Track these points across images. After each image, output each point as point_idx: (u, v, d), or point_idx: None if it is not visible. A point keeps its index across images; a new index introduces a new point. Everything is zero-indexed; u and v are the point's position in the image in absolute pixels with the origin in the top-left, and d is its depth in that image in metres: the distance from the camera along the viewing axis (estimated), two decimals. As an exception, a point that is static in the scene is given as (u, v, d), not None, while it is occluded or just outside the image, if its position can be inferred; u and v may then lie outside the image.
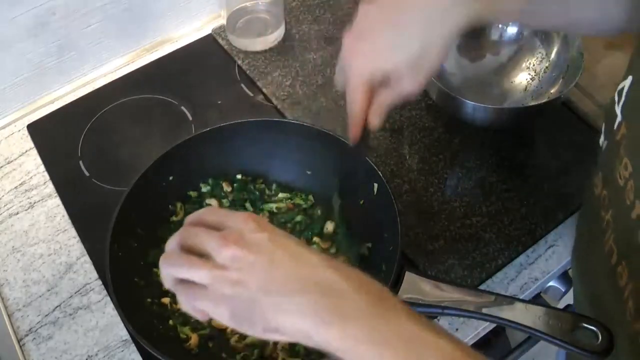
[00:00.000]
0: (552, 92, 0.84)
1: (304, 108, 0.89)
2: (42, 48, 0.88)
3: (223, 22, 0.98)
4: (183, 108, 0.91)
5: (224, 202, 0.76)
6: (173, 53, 0.98)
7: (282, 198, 0.77)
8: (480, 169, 0.83)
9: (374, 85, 0.57)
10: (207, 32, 1.00)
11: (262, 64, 0.95)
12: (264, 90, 0.92)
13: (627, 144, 0.53)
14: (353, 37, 0.57)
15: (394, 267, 0.61)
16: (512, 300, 0.59)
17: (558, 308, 0.59)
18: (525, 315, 0.57)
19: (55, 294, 0.75)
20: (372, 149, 0.83)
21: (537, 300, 0.75)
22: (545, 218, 0.78)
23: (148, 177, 0.70)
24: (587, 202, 0.67)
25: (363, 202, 0.72)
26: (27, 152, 0.88)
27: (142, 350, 0.70)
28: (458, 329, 0.71)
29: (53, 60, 0.91)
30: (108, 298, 0.74)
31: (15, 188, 0.84)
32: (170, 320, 0.67)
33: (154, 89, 0.93)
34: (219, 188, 0.76)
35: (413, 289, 0.61)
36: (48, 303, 0.74)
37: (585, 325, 0.56)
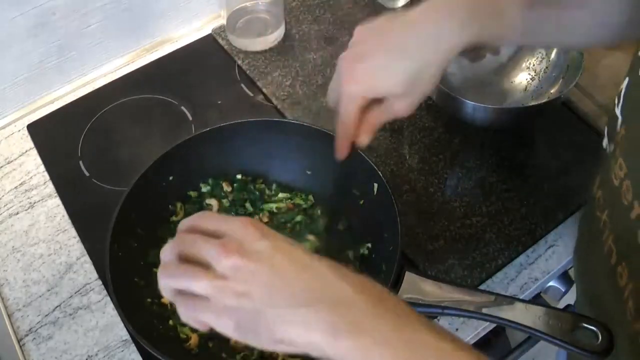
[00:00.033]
0: (552, 92, 0.84)
1: (304, 108, 0.89)
2: (42, 48, 0.88)
3: (223, 22, 0.98)
4: (183, 108, 0.91)
5: (224, 202, 0.76)
6: (173, 53, 0.98)
7: (282, 198, 0.77)
8: (480, 169, 0.83)
9: (366, 105, 0.57)
10: (207, 32, 1.00)
11: (262, 64, 0.95)
12: (264, 90, 0.92)
13: (623, 144, 0.53)
14: (348, 58, 0.57)
15: (394, 267, 0.61)
16: (512, 300, 0.59)
17: (558, 308, 0.59)
18: (525, 315, 0.57)
19: (55, 294, 0.75)
20: (372, 149, 0.84)
21: (537, 300, 0.75)
22: (545, 218, 0.78)
23: (148, 177, 0.70)
24: (587, 202, 0.67)
25: (363, 202, 0.72)
26: (27, 152, 0.88)
27: (142, 350, 0.70)
28: (458, 329, 0.71)
29: (53, 60, 0.91)
30: (108, 298, 0.74)
31: (15, 188, 0.84)
32: (170, 320, 0.67)
33: (154, 89, 0.93)
34: (219, 188, 0.76)
35: (413, 289, 0.61)
36: (48, 303, 0.74)
37: (585, 325, 0.56)
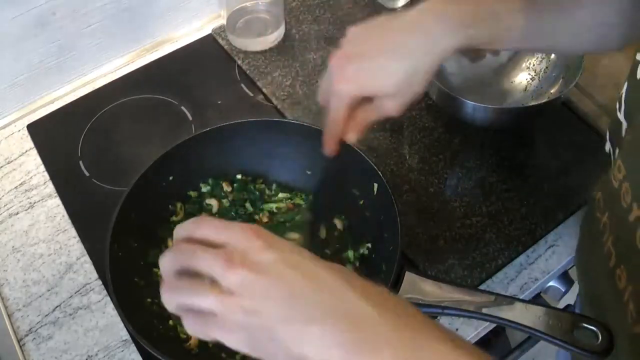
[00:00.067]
0: (552, 92, 0.84)
1: (304, 108, 0.89)
2: (42, 48, 0.88)
3: (223, 22, 0.98)
4: (183, 108, 0.91)
5: (224, 202, 0.76)
6: (173, 53, 0.98)
7: (282, 198, 0.77)
8: (480, 169, 0.83)
9: (356, 103, 0.57)
10: (207, 32, 1.00)
11: (262, 64, 0.95)
12: (264, 90, 0.92)
13: (623, 147, 0.53)
14: (340, 57, 0.57)
15: (394, 267, 0.61)
16: (512, 300, 0.59)
17: (558, 308, 0.59)
18: (525, 315, 0.57)
19: (55, 294, 0.75)
20: (372, 149, 0.84)
21: (537, 300, 0.75)
22: (545, 218, 0.78)
23: (148, 177, 0.70)
24: (587, 203, 0.67)
25: (363, 202, 0.72)
26: (27, 152, 0.88)
27: (142, 350, 0.70)
28: (458, 329, 0.71)
29: (53, 60, 0.91)
30: (108, 298, 0.74)
31: (15, 188, 0.84)
32: (170, 320, 0.67)
33: (154, 89, 0.93)
34: (219, 188, 0.76)
35: (413, 289, 0.61)
36: (48, 303, 0.74)
37: (585, 325, 0.56)
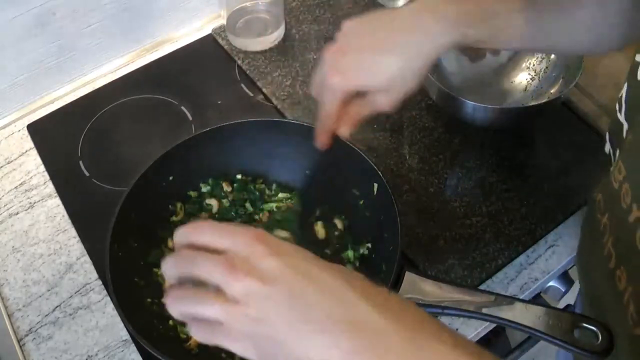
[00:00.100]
0: (552, 92, 0.84)
1: (304, 108, 0.89)
2: (42, 48, 0.88)
3: (223, 22, 0.98)
4: (183, 108, 0.91)
5: (224, 202, 0.76)
6: (173, 53, 0.98)
7: (282, 198, 0.77)
8: (480, 169, 0.83)
9: (348, 97, 0.57)
10: (207, 32, 1.00)
11: (262, 64, 0.95)
12: (264, 90, 0.92)
13: (623, 148, 0.53)
14: (334, 51, 0.57)
15: (394, 267, 0.61)
16: (512, 300, 0.59)
17: (558, 308, 0.59)
18: (525, 315, 0.57)
19: (55, 294, 0.75)
20: (372, 149, 0.84)
21: (537, 300, 0.75)
22: (545, 218, 0.78)
23: (148, 177, 0.70)
24: (588, 203, 0.67)
25: (363, 202, 0.72)
26: (27, 152, 0.88)
27: (142, 350, 0.70)
28: (458, 329, 0.71)
29: (53, 60, 0.91)
30: (108, 298, 0.74)
31: (15, 188, 0.84)
32: (170, 320, 0.67)
33: (154, 89, 0.93)
34: (219, 188, 0.76)
35: (413, 289, 0.61)
36: (48, 303, 0.74)
37: (585, 325, 0.56)
